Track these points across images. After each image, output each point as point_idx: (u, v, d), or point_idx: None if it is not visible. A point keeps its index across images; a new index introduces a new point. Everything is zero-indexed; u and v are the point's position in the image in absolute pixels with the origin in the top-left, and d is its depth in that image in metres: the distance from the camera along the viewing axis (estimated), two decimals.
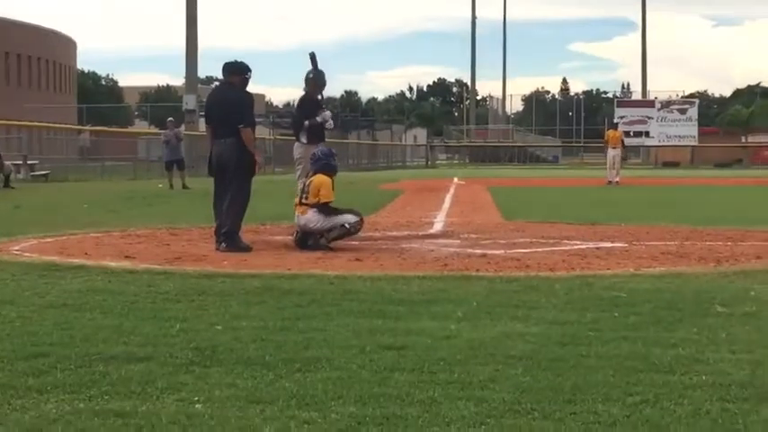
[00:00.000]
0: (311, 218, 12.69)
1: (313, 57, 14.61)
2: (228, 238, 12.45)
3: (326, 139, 14.88)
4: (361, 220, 12.99)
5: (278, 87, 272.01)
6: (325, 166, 13.02)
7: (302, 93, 14.78)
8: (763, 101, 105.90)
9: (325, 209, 12.70)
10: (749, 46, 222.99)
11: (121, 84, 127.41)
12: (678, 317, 7.68)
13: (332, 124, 14.55)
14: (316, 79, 14.60)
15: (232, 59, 13.18)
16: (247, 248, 12.36)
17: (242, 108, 12.76)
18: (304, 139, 14.43)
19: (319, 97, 14.79)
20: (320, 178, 12.85)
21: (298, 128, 14.51)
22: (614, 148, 38.88)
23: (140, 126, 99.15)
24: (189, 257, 11.60)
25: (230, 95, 12.88)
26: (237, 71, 12.99)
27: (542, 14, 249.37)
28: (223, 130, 12.70)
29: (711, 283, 9.59)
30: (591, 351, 6.39)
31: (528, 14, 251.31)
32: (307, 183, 13.00)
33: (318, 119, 14.28)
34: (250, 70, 13.04)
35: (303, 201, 12.84)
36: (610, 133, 40.61)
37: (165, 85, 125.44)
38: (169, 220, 17.51)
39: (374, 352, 6.34)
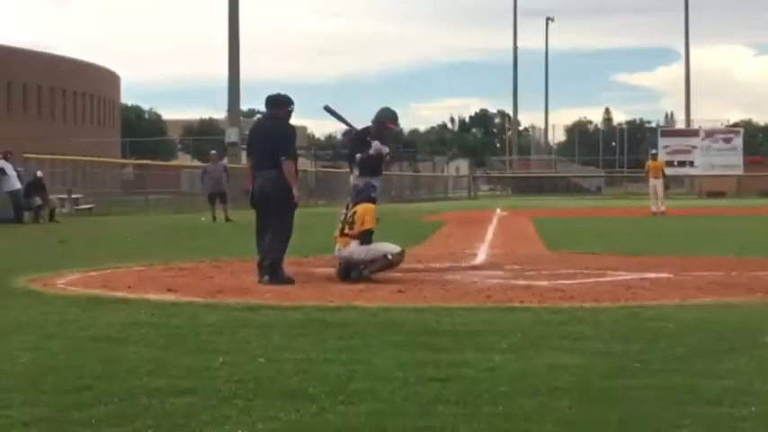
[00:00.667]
0: (353, 249, 12.68)
1: (328, 109, 14.42)
2: (271, 270, 12.44)
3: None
4: (403, 251, 12.97)
5: (319, 120, 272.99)
6: (367, 198, 13.06)
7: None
8: None
9: (367, 239, 12.69)
10: None
11: (164, 117, 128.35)
12: (726, 348, 7.58)
13: (386, 150, 14.18)
14: (381, 118, 14.34)
15: (275, 93, 13.19)
16: (290, 281, 12.35)
17: (284, 141, 12.79)
18: (357, 172, 14.36)
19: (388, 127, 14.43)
20: (365, 207, 12.88)
21: (351, 161, 14.44)
22: (656, 177, 38.72)
23: (183, 159, 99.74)
24: (232, 290, 11.61)
25: (273, 128, 12.91)
26: (280, 104, 13.02)
27: (584, 44, 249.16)
28: (265, 162, 12.72)
29: (760, 313, 9.49)
30: (638, 383, 6.31)
31: (570, 44, 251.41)
32: (349, 214, 13.00)
33: (371, 151, 14.05)
34: (293, 103, 13.06)
35: (346, 232, 12.84)
36: (650, 163, 40.47)
37: (207, 118, 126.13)
38: (212, 253, 17.54)
39: (418, 384, 6.29)
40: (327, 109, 14.42)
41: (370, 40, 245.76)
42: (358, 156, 14.10)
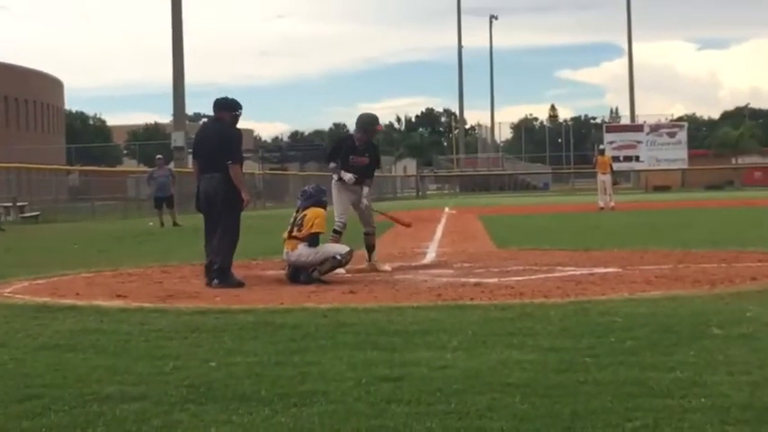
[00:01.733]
0: (302, 252, 12.68)
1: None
2: (221, 274, 12.40)
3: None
4: (351, 251, 12.99)
5: (265, 122, 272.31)
6: (317, 202, 13.09)
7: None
8: (752, 122, 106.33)
9: (315, 241, 12.71)
10: (736, 68, 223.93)
11: (109, 123, 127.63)
12: (675, 340, 7.64)
13: (352, 179, 14.34)
14: (362, 125, 14.54)
15: (222, 96, 13.14)
16: (240, 284, 12.31)
17: (230, 144, 12.72)
18: (335, 176, 14.49)
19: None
20: (315, 210, 12.90)
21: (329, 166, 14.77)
22: (604, 173, 39.03)
23: (129, 165, 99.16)
24: (181, 295, 11.55)
25: (219, 131, 12.84)
26: (228, 107, 12.95)
27: (528, 42, 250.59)
28: (210, 165, 12.66)
29: (707, 305, 9.57)
30: (588, 377, 6.35)
31: (514, 42, 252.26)
32: (299, 217, 13.00)
33: (345, 177, 14.25)
34: (241, 107, 13.00)
35: (294, 234, 12.84)
36: (598, 159, 40.78)
37: (153, 123, 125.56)
38: (160, 257, 17.45)
39: (370, 384, 6.29)
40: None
41: (314, 41, 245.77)
42: (331, 165, 14.30)
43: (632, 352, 7.19)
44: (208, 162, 12.72)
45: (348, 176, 14.25)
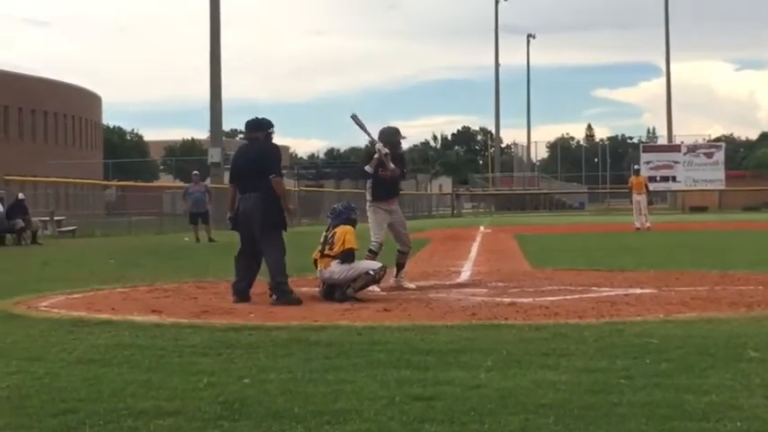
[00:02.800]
0: (335, 269, 12.72)
1: (355, 118, 14.46)
2: (279, 289, 12.39)
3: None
4: (384, 267, 13.00)
5: (301, 139, 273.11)
6: (347, 220, 13.13)
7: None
8: None
9: (349, 258, 12.73)
10: None
11: (147, 138, 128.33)
12: (710, 363, 7.59)
13: (386, 151, 14.08)
14: (387, 138, 14.40)
15: (253, 117, 13.20)
16: (298, 300, 12.29)
17: (270, 160, 12.78)
18: (369, 197, 14.49)
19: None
20: (344, 228, 12.93)
21: (363, 179, 14.72)
22: (639, 193, 38.85)
23: (166, 180, 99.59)
24: (216, 311, 11.59)
25: (257, 150, 12.90)
26: (260, 128, 13.01)
27: (565, 61, 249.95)
28: (250, 185, 12.70)
29: (743, 327, 9.50)
30: (623, 399, 6.32)
31: (551, 61, 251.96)
32: (329, 235, 13.03)
33: (376, 149, 14.07)
34: (273, 126, 13.07)
35: (326, 252, 12.87)
36: (633, 180, 40.58)
37: (189, 138, 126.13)
38: (196, 273, 17.52)
39: (403, 403, 6.28)
40: (354, 118, 14.53)
41: (351, 58, 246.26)
42: (369, 170, 14.27)
43: (667, 374, 7.15)
44: (247, 182, 12.75)
45: (380, 147, 14.09)
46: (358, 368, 7.57)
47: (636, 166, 51.00)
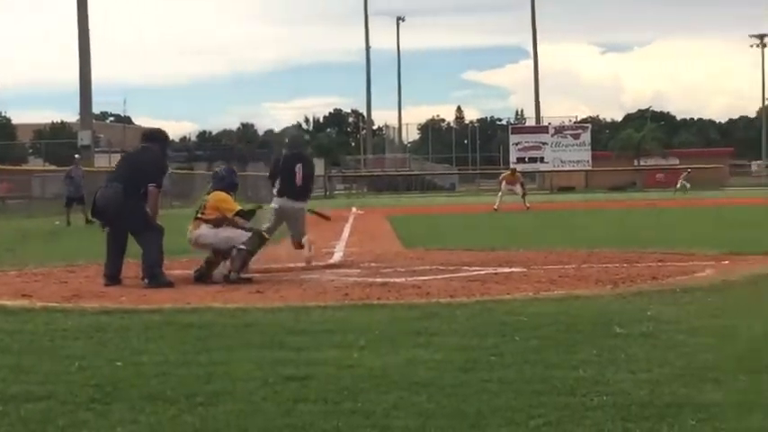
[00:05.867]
0: (203, 232, 12.77)
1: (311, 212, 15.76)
2: (151, 273, 12.29)
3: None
4: (257, 234, 12.98)
5: (172, 121, 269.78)
6: (230, 184, 13.22)
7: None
8: (654, 125, 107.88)
9: (247, 217, 12.88)
10: (638, 71, 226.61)
11: (15, 121, 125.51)
12: (578, 339, 7.77)
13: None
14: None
15: (151, 127, 13.42)
16: (170, 284, 12.21)
17: (156, 170, 12.83)
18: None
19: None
20: (219, 194, 12.99)
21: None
22: (511, 185, 39.36)
23: (35, 164, 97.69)
24: (87, 294, 11.45)
25: (147, 157, 12.92)
26: (157, 138, 13.31)
27: (435, 44, 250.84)
28: (127, 181, 12.60)
29: (609, 304, 9.74)
30: (493, 376, 6.43)
31: (421, 44, 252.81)
32: (205, 199, 13.09)
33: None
34: (168, 138, 13.34)
35: (199, 216, 12.92)
36: (507, 175, 41.05)
37: (59, 121, 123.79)
38: (66, 257, 17.25)
39: (277, 383, 6.31)
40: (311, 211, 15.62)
41: (223, 41, 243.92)
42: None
43: (536, 351, 7.30)
44: (127, 180, 12.63)
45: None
46: (231, 350, 7.57)
47: (513, 165, 51.63)
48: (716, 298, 10.23)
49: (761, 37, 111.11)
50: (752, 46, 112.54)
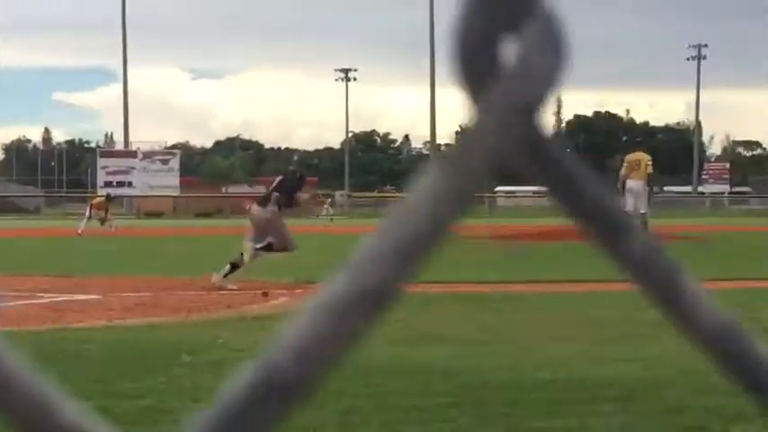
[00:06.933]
0: None
1: None
2: None
3: None
4: None
5: None
6: None
7: None
8: (243, 152, 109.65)
9: None
10: (229, 99, 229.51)
11: None
12: (146, 367, 7.78)
13: None
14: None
15: None
16: None
17: None
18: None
19: None
20: None
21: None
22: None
23: None
24: None
25: None
26: None
27: (25, 62, 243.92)
28: None
29: (181, 332, 9.81)
30: None
31: (14, 61, 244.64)
32: None
33: None
34: None
35: None
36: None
37: None
38: None
39: None
40: None
41: None
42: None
43: (104, 380, 7.23)
44: None
45: None
46: None
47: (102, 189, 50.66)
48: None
49: (345, 71, 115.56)
50: (337, 80, 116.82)
